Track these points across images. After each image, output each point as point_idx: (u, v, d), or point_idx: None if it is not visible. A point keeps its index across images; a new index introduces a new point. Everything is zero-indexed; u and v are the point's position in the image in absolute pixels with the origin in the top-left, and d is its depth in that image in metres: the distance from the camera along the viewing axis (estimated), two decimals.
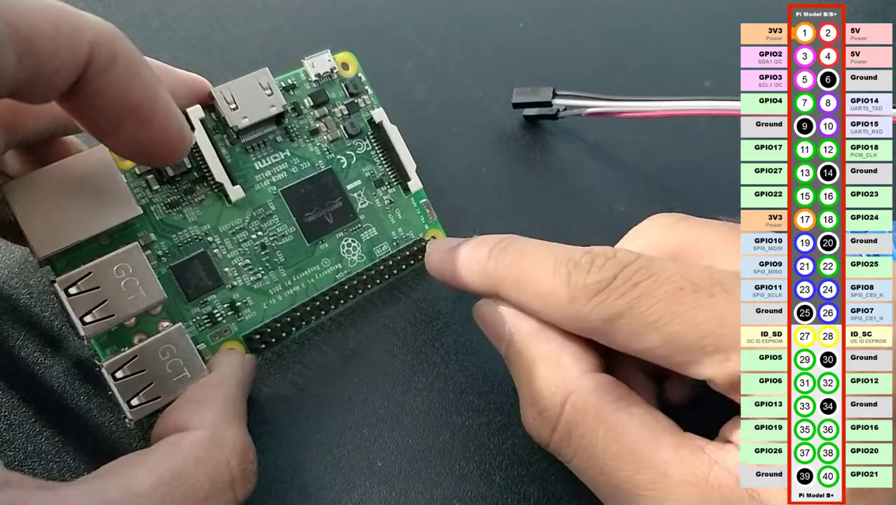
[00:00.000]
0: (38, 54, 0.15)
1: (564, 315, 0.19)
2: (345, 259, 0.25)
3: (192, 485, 0.17)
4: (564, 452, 0.19)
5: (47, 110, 0.19)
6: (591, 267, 0.19)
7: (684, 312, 0.17)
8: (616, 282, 0.18)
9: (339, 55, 0.26)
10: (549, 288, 0.19)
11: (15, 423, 0.21)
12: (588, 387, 0.19)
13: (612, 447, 0.18)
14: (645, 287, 0.18)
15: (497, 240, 0.22)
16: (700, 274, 0.18)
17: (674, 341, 0.18)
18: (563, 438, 0.19)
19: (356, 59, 0.26)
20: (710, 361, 0.17)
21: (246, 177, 0.24)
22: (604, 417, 0.19)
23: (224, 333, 0.23)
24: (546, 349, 0.20)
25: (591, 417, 0.19)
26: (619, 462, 0.18)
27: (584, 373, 0.19)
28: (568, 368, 0.20)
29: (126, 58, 0.17)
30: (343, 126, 0.26)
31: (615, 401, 0.19)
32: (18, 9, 0.15)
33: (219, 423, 0.19)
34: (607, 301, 0.18)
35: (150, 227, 0.22)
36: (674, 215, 0.22)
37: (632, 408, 0.19)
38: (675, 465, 0.18)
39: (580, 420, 0.19)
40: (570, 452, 0.19)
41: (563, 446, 0.19)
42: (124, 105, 0.17)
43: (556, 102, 0.29)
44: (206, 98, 0.23)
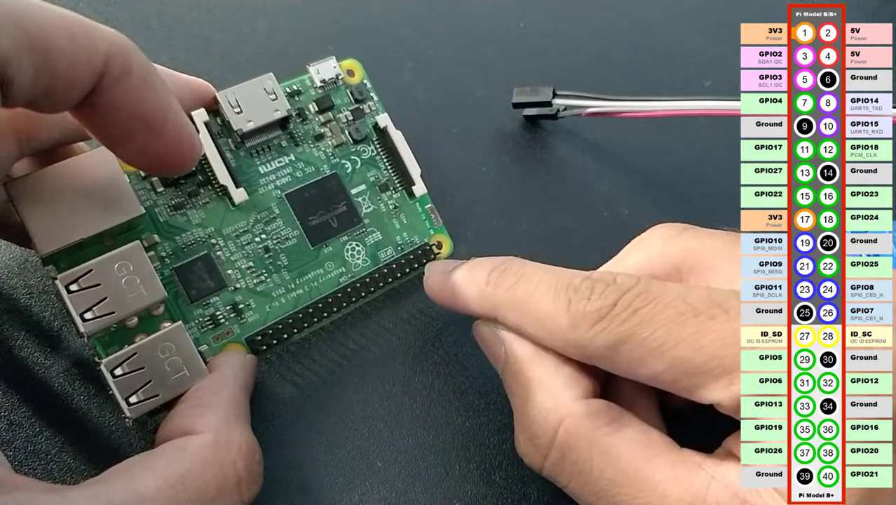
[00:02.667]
0: (54, 65, 0.16)
1: (566, 342, 0.19)
2: (349, 263, 0.25)
3: (199, 487, 0.17)
4: (559, 478, 0.19)
5: (59, 120, 0.19)
6: (592, 294, 0.19)
7: (687, 336, 0.17)
8: (616, 308, 0.18)
9: (344, 62, 0.26)
10: (548, 314, 0.19)
11: (15, 423, 0.21)
12: (580, 413, 0.19)
13: (608, 472, 0.18)
14: (646, 313, 0.18)
15: (496, 263, 0.21)
16: (700, 296, 0.18)
17: (678, 366, 0.17)
18: (555, 464, 0.19)
19: (361, 66, 0.26)
20: (716, 385, 0.17)
21: (250, 180, 0.24)
22: (597, 442, 0.18)
23: (226, 336, 0.23)
24: (540, 374, 0.20)
25: (583, 442, 0.19)
26: (616, 486, 0.18)
27: (576, 399, 0.19)
28: (560, 393, 0.19)
29: (140, 69, 0.17)
30: (348, 131, 0.26)
31: (608, 424, 0.19)
32: (36, 20, 0.15)
33: (223, 425, 0.19)
34: (609, 328, 0.18)
35: (154, 229, 0.22)
36: (677, 226, 0.22)
37: (625, 430, 0.19)
38: (671, 484, 0.17)
39: (573, 445, 0.19)
40: (565, 478, 0.19)
41: (557, 472, 0.19)
42: (137, 116, 0.18)
43: (556, 102, 0.29)
44: (211, 102, 0.23)
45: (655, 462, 0.18)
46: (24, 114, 0.19)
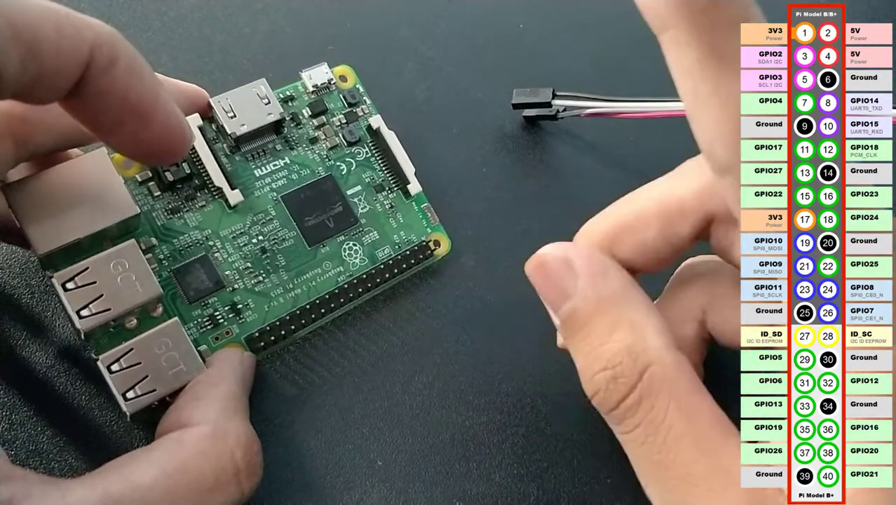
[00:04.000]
0: (40, 55, 0.16)
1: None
2: (347, 262, 0.25)
3: (197, 477, 0.17)
4: (627, 421, 0.19)
5: (55, 125, 0.20)
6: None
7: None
8: None
9: (337, 68, 0.26)
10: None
11: (16, 422, 0.21)
12: (669, 362, 0.19)
13: (678, 426, 0.18)
14: None
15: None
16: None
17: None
18: (630, 407, 0.19)
19: (354, 71, 0.27)
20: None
21: (246, 184, 0.24)
22: (679, 396, 0.18)
23: (226, 335, 0.23)
24: (629, 316, 0.19)
25: (666, 392, 0.18)
26: (681, 445, 0.18)
27: (667, 346, 0.19)
28: (651, 338, 0.19)
29: (126, 59, 0.17)
30: (342, 134, 0.26)
31: (691, 383, 0.18)
32: (21, 11, 0.15)
33: (220, 417, 0.19)
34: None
35: (152, 232, 0.22)
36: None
37: (704, 395, 0.18)
38: (738, 463, 0.17)
39: (655, 392, 0.18)
40: (634, 421, 0.19)
41: (629, 415, 0.19)
42: (125, 105, 0.18)
43: (556, 103, 0.29)
44: (206, 109, 0.24)
45: (728, 440, 0.18)
46: (20, 117, 0.19)
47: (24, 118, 0.19)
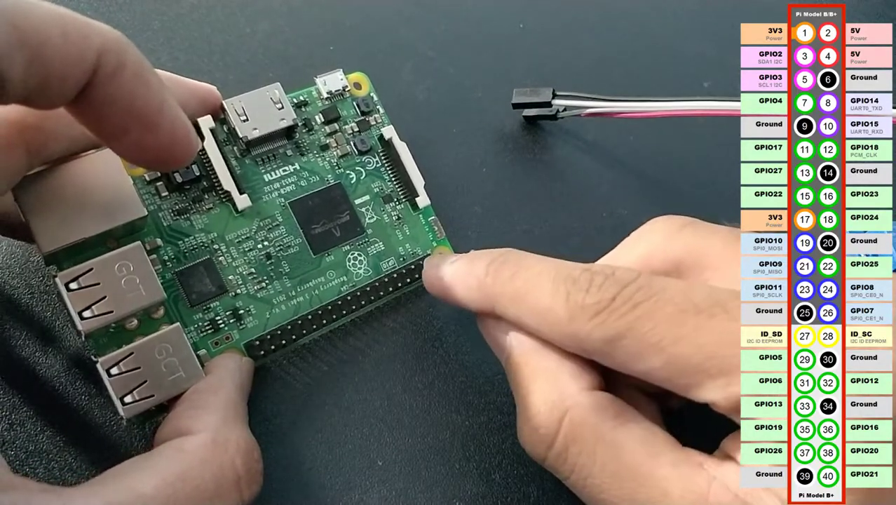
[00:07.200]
0: (46, 60, 0.16)
1: (564, 334, 0.19)
2: (350, 272, 0.25)
3: (198, 486, 0.17)
4: (561, 469, 0.19)
5: (67, 132, 0.20)
6: (591, 286, 0.19)
7: (687, 334, 0.17)
8: (616, 302, 0.18)
9: (351, 75, 0.26)
10: (547, 306, 0.19)
11: (16, 422, 0.21)
12: (586, 404, 0.19)
13: (611, 465, 0.18)
14: (646, 308, 0.18)
15: (495, 255, 0.21)
16: (701, 294, 0.18)
17: (675, 363, 0.17)
18: (559, 454, 0.19)
19: (369, 79, 0.26)
20: (713, 385, 0.17)
21: (255, 188, 0.24)
22: (601, 435, 0.18)
23: (225, 341, 0.22)
24: (544, 365, 0.20)
25: (588, 434, 0.19)
26: (618, 480, 0.18)
27: (581, 390, 0.19)
28: (566, 384, 0.19)
29: (134, 65, 0.17)
30: (353, 142, 0.26)
31: (613, 418, 0.19)
32: (28, 15, 0.15)
33: (221, 425, 0.19)
34: (607, 322, 0.18)
35: (157, 233, 0.22)
36: (679, 219, 0.21)
37: (630, 425, 0.19)
38: (674, 482, 0.17)
39: (577, 437, 0.19)
40: (567, 469, 0.19)
41: (560, 463, 0.19)
42: (132, 111, 0.18)
43: (556, 103, 0.29)
44: (217, 108, 0.23)
45: (659, 460, 0.18)
46: (34, 127, 0.19)
47: (38, 127, 0.19)
